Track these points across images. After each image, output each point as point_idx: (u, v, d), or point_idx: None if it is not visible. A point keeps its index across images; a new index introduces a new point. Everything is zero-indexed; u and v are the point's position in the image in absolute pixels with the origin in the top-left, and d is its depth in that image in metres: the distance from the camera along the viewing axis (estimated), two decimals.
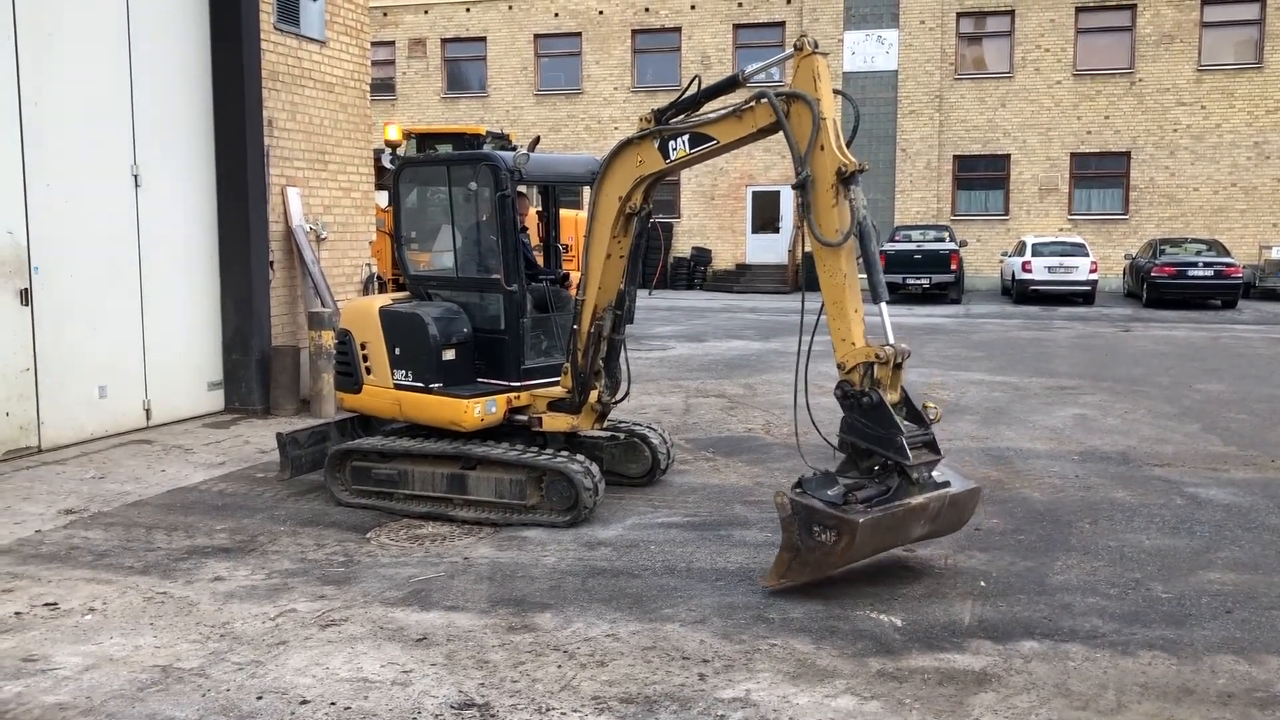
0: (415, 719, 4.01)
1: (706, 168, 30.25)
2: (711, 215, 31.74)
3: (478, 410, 6.82)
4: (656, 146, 6.15)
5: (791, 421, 5.81)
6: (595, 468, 6.62)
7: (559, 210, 8.25)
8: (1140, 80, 28.40)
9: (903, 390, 5.38)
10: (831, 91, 5.52)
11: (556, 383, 7.05)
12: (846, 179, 5.33)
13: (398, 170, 7.66)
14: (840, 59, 29.63)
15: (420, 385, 7.03)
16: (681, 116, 6.17)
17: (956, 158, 29.77)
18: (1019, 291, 25.06)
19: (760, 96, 5.64)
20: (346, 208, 11.67)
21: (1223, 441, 9.19)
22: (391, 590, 5.43)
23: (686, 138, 6.02)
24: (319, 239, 11.07)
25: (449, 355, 7.02)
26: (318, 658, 4.57)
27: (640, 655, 4.60)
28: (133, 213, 9.29)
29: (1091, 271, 24.61)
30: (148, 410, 9.50)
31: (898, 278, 25.29)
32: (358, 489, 7.11)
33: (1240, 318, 21.62)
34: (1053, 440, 9.23)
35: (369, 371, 7.32)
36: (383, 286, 12.52)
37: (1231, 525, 6.63)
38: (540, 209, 8.38)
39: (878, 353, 5.21)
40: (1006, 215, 29.61)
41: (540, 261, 8.03)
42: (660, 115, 6.19)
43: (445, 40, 33.55)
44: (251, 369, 10.18)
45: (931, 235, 26.61)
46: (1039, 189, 29.30)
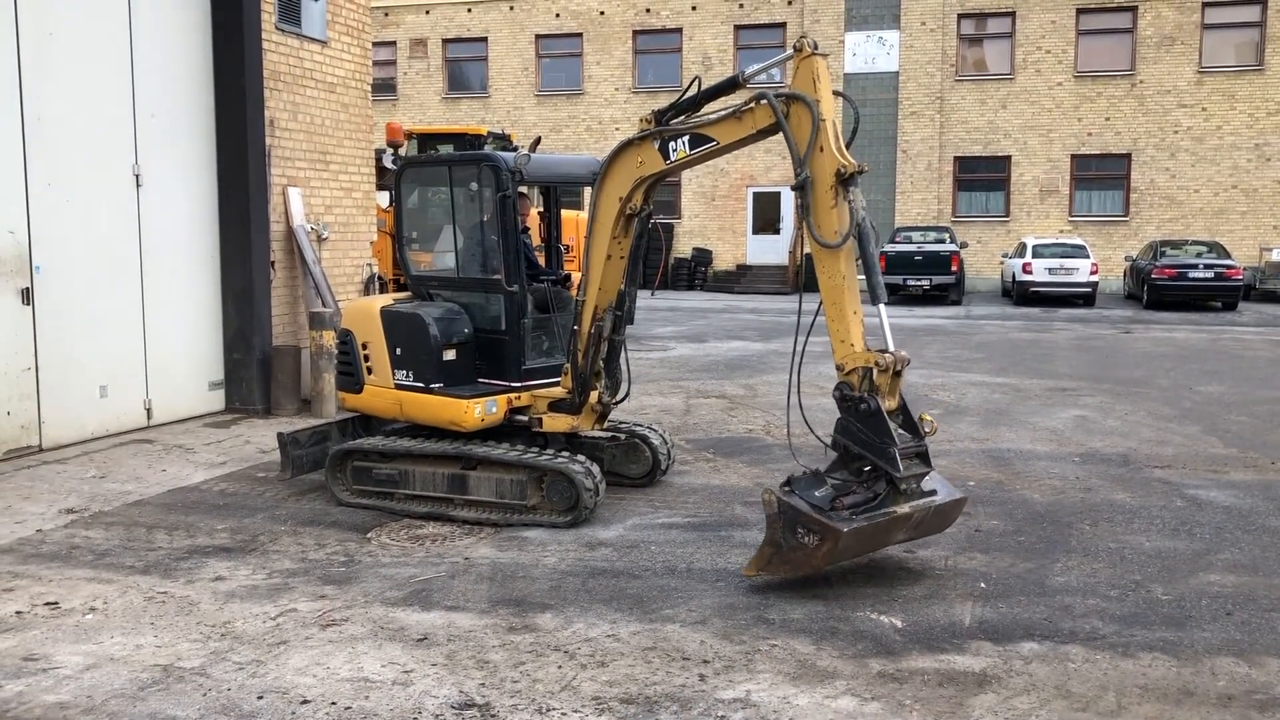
0: (416, 719, 4.01)
1: (707, 169, 30.25)
2: (712, 216, 31.75)
3: (478, 410, 6.83)
4: (657, 147, 6.16)
5: (798, 422, 5.83)
6: (596, 468, 6.63)
7: (560, 211, 8.26)
8: (1141, 82, 28.40)
9: (901, 397, 5.38)
10: (831, 93, 5.53)
11: (557, 383, 7.05)
12: (846, 180, 5.33)
13: (400, 170, 7.66)
14: (841, 60, 29.63)
15: (421, 385, 7.03)
16: (682, 117, 6.18)
17: (957, 159, 29.77)
18: (1019, 293, 25.05)
19: (760, 98, 5.64)
20: (348, 208, 11.67)
21: (1223, 443, 9.19)
22: (392, 590, 5.43)
23: (687, 139, 6.03)
24: (320, 239, 11.08)
25: (450, 355, 7.02)
26: (318, 657, 4.57)
27: (641, 656, 4.60)
28: (134, 212, 9.30)
29: (1092, 273, 24.60)
30: (149, 410, 9.50)
31: (898, 279, 25.28)
32: (358, 489, 7.12)
33: (1241, 320, 21.62)
34: (1053, 442, 9.23)
35: (370, 371, 7.33)
36: (383, 287, 12.52)
37: (1231, 527, 6.64)
38: (542, 209, 8.38)
39: (877, 360, 5.20)
40: (1007, 217, 29.61)
41: (542, 262, 8.04)
42: (660, 116, 6.19)
43: (446, 40, 33.55)
44: (252, 369, 10.19)
45: (932, 237, 26.59)
46: (1040, 190, 29.30)
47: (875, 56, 29.86)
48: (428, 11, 33.48)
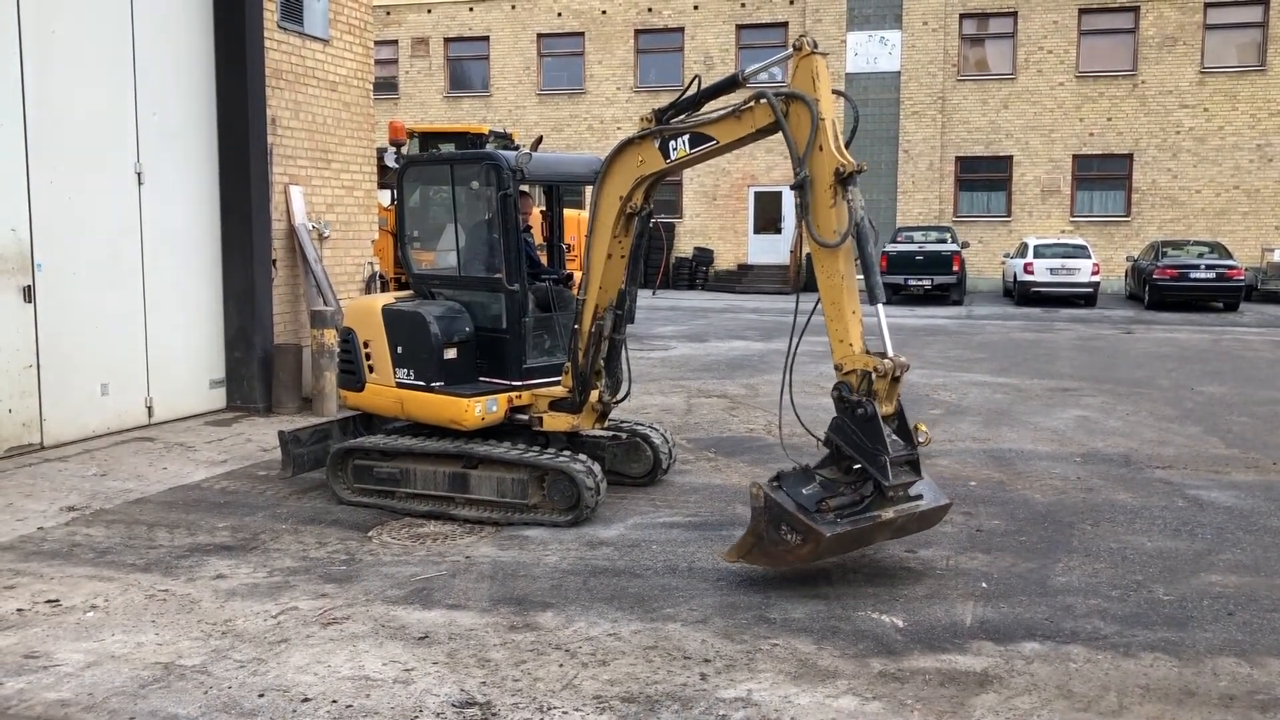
0: (417, 717, 4.01)
1: (709, 168, 30.25)
2: (714, 215, 31.74)
3: (478, 409, 6.83)
4: (657, 146, 6.15)
5: (793, 421, 5.83)
6: (597, 467, 6.63)
7: (563, 210, 8.25)
8: (1143, 82, 28.39)
9: (898, 403, 5.37)
10: (830, 92, 5.53)
11: (558, 382, 7.05)
12: (845, 179, 5.33)
13: (402, 169, 7.67)
14: (843, 60, 29.62)
15: (422, 384, 7.03)
16: (682, 116, 6.17)
17: (959, 159, 29.76)
18: (1021, 293, 25.04)
19: (759, 96, 5.64)
20: (349, 206, 11.68)
21: (1224, 444, 9.19)
22: (393, 589, 5.43)
23: (687, 137, 6.02)
24: (321, 237, 11.08)
25: (450, 354, 7.02)
26: (319, 655, 4.57)
27: (642, 655, 4.60)
28: (136, 210, 9.30)
29: (1093, 273, 24.59)
30: (150, 408, 9.50)
31: (900, 279, 25.28)
32: (359, 487, 7.12)
33: (1242, 320, 21.61)
34: (1054, 442, 9.22)
35: (371, 370, 7.33)
36: (385, 285, 12.53)
37: (1233, 527, 6.63)
38: (544, 208, 8.38)
39: (876, 366, 5.20)
40: (1008, 217, 29.60)
41: (544, 261, 8.04)
42: (661, 115, 6.19)
43: (448, 39, 33.55)
44: (254, 367, 10.19)
45: (933, 236, 26.59)
46: (1041, 191, 29.29)
47: (877, 56, 29.85)
48: (429, 10, 33.48)
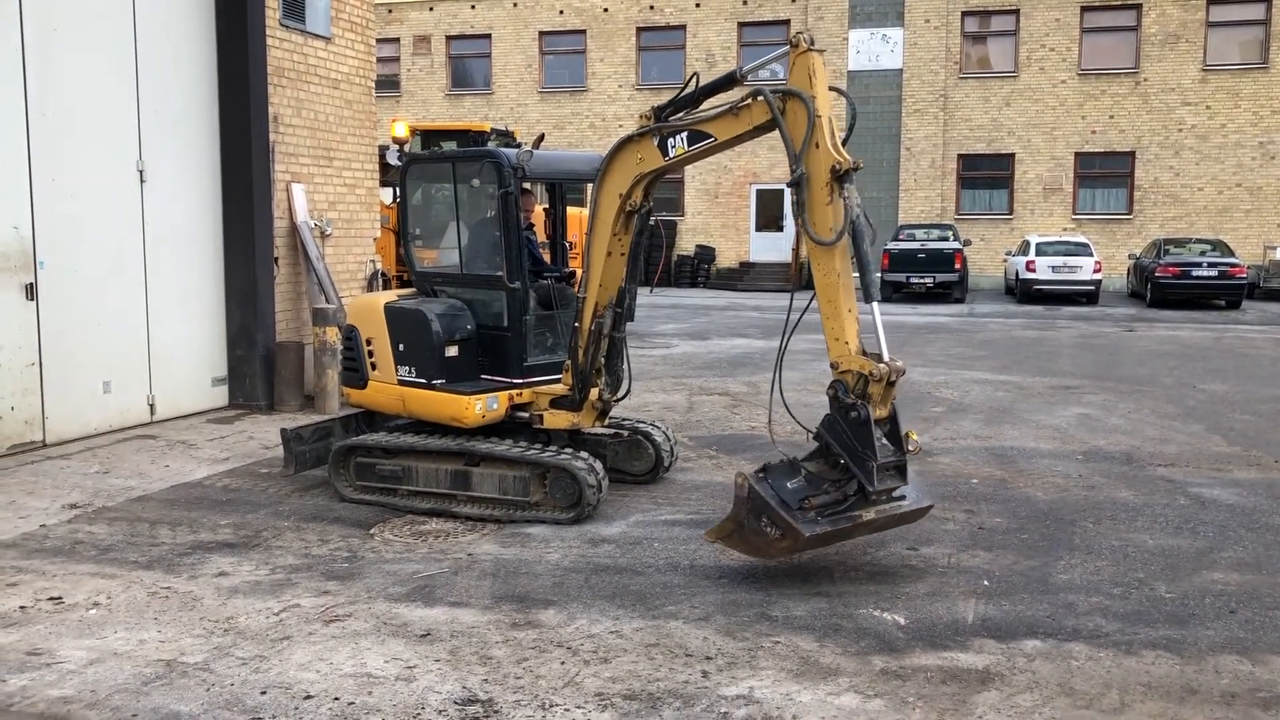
0: (419, 715, 4.02)
1: (710, 166, 30.24)
2: (715, 213, 31.73)
3: (479, 407, 6.83)
4: (656, 144, 6.15)
5: (790, 420, 5.84)
6: (599, 465, 6.63)
7: (566, 207, 8.26)
8: (1145, 80, 28.35)
9: (892, 407, 5.36)
10: (827, 89, 5.52)
11: (559, 380, 7.05)
12: (841, 177, 5.32)
13: (405, 166, 7.67)
14: (845, 57, 29.60)
15: (423, 381, 7.04)
16: (681, 114, 6.17)
17: (961, 156, 29.73)
18: (1023, 291, 25.03)
19: (756, 94, 5.64)
20: (351, 204, 11.68)
21: (1226, 442, 9.18)
22: (395, 586, 5.44)
23: (685, 135, 6.02)
24: (324, 235, 11.09)
25: (452, 352, 7.03)
26: (322, 653, 4.58)
27: (643, 652, 4.60)
28: (138, 208, 9.30)
29: (1095, 271, 24.57)
30: (152, 405, 9.51)
31: (902, 276, 25.28)
32: (362, 485, 7.12)
33: (1244, 318, 21.59)
34: (1056, 440, 9.22)
35: (374, 367, 7.33)
36: (387, 283, 12.54)
37: (1235, 525, 6.63)
38: (547, 206, 8.38)
39: (872, 370, 5.19)
40: (1010, 214, 29.58)
41: (547, 259, 8.04)
42: (660, 112, 6.19)
43: (450, 37, 33.54)
44: (256, 365, 10.19)
45: (935, 234, 26.59)
46: (1043, 188, 29.27)
47: (879, 54, 29.82)
48: (431, 8, 33.48)
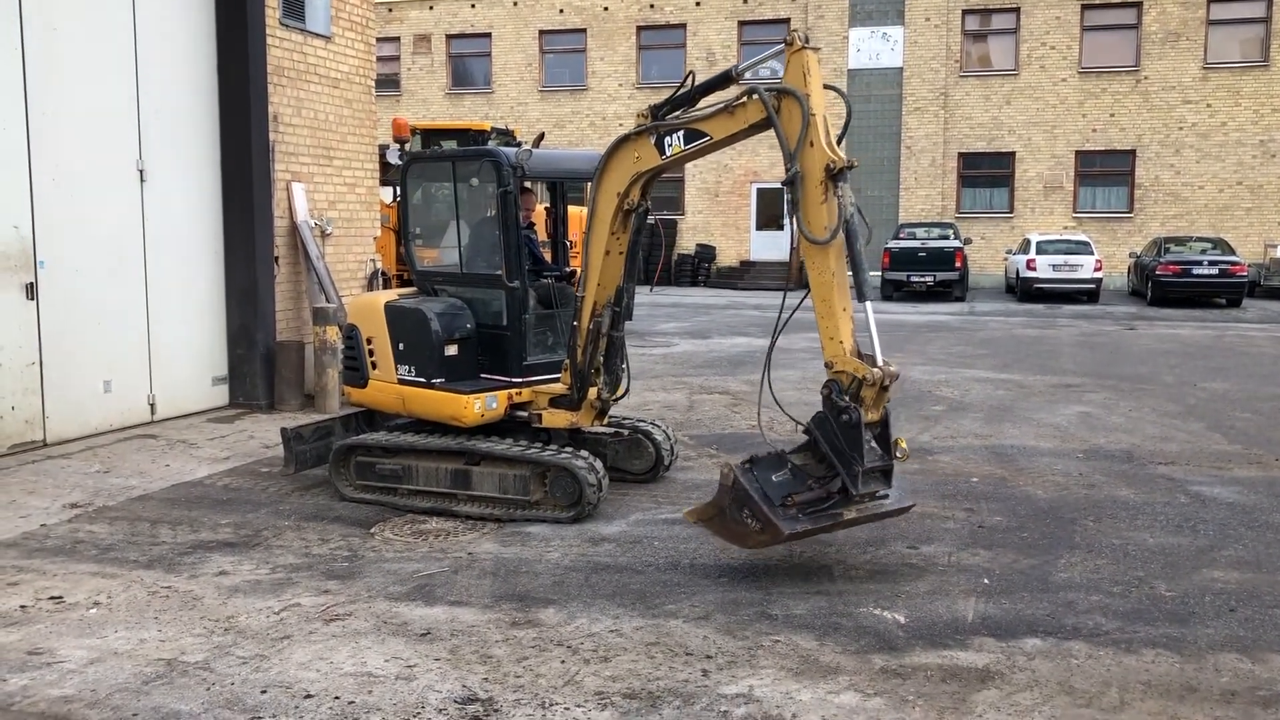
0: (419, 714, 4.02)
1: (711, 164, 30.23)
2: (716, 212, 31.73)
3: (478, 406, 6.83)
4: (653, 142, 6.15)
5: (788, 420, 5.85)
6: (599, 464, 6.63)
7: (567, 206, 8.26)
8: (1146, 78, 28.34)
9: (885, 411, 5.37)
10: (822, 87, 5.53)
11: (559, 379, 7.05)
12: (835, 175, 5.33)
13: (405, 166, 7.67)
14: (845, 56, 29.61)
15: (423, 380, 7.04)
16: (678, 113, 6.17)
17: (961, 155, 29.73)
18: (1023, 289, 25.02)
19: (751, 92, 5.64)
20: (351, 203, 11.68)
21: (1227, 440, 9.18)
22: (395, 585, 5.44)
23: (681, 133, 6.03)
24: (324, 234, 11.09)
25: (451, 351, 7.03)
26: (322, 652, 4.58)
27: (643, 651, 4.61)
28: (138, 208, 9.30)
29: (1096, 269, 24.56)
30: (152, 405, 9.51)
31: (902, 275, 25.28)
32: (362, 484, 7.13)
33: (1245, 316, 21.58)
34: (1056, 438, 9.22)
35: (374, 366, 7.33)
36: (387, 282, 12.54)
37: (1235, 524, 6.63)
38: (548, 205, 8.38)
39: (866, 374, 5.19)
40: (1011, 213, 29.57)
41: (548, 258, 8.04)
42: (656, 111, 6.19)
43: (450, 36, 33.54)
44: (256, 364, 10.19)
45: (936, 233, 26.58)
46: (1044, 187, 29.26)
47: (879, 52, 29.81)
48: (431, 7, 33.47)
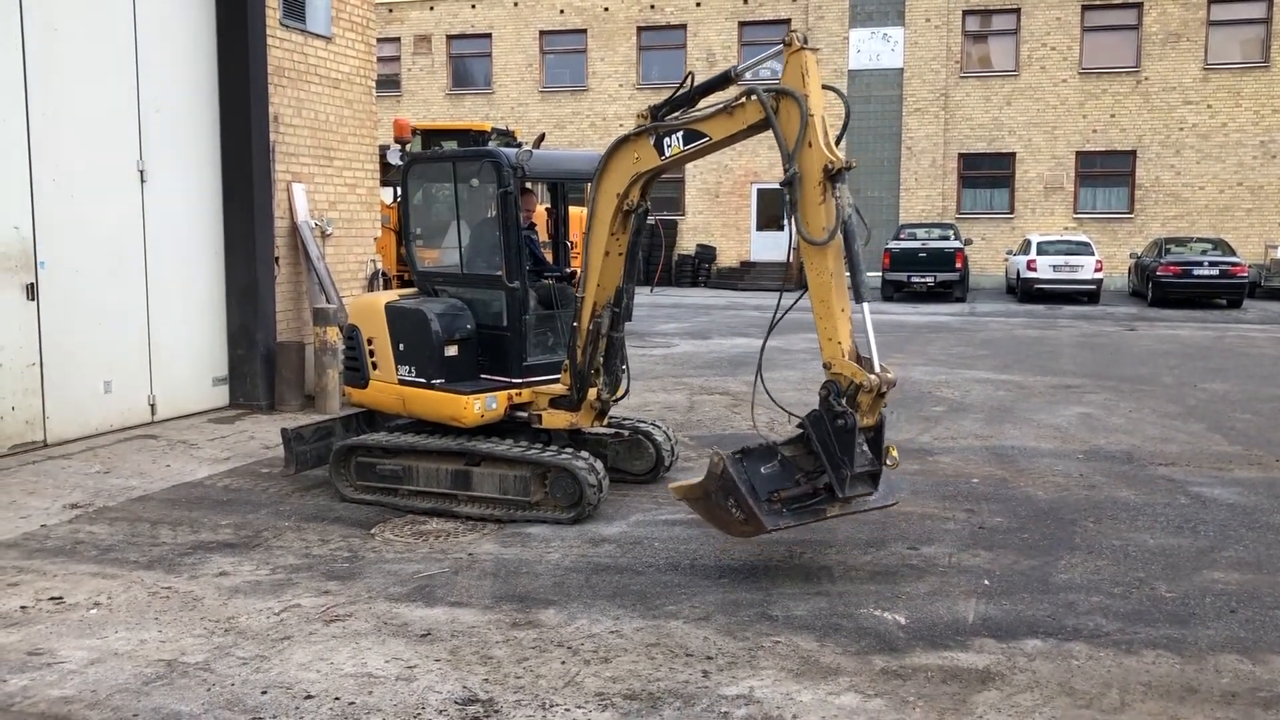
0: (419, 714, 4.02)
1: (711, 165, 30.24)
2: (716, 213, 31.73)
3: (478, 406, 6.83)
4: (652, 143, 6.15)
5: (787, 415, 5.86)
6: (599, 464, 6.63)
7: (569, 207, 8.26)
8: (1146, 79, 28.34)
9: (880, 417, 5.38)
10: (820, 87, 5.53)
11: (559, 380, 7.05)
12: (833, 176, 5.33)
13: (406, 166, 7.67)
14: (846, 56, 29.61)
15: (423, 381, 7.04)
16: (677, 113, 6.17)
17: (961, 156, 29.73)
18: (1024, 290, 25.02)
19: (750, 93, 5.64)
20: (351, 204, 11.68)
21: (1227, 441, 9.18)
22: (396, 586, 5.44)
23: (681, 134, 6.03)
24: (324, 235, 11.09)
25: (451, 351, 7.03)
26: (322, 653, 4.58)
27: (644, 652, 4.61)
28: (139, 208, 9.31)
29: (1096, 270, 24.56)
30: (153, 405, 9.51)
31: (902, 276, 25.28)
32: (362, 485, 7.13)
33: (1246, 317, 21.58)
34: (1057, 439, 9.22)
35: (375, 367, 7.34)
36: (387, 283, 12.54)
37: (1236, 525, 6.63)
38: (549, 206, 8.38)
39: (864, 381, 5.20)
40: (1011, 213, 29.57)
41: (550, 259, 8.04)
42: (656, 112, 6.19)
43: (450, 37, 33.55)
44: (256, 364, 10.19)
45: (936, 233, 26.58)
46: (1044, 187, 29.26)
47: (880, 53, 29.82)
48: (432, 8, 33.48)
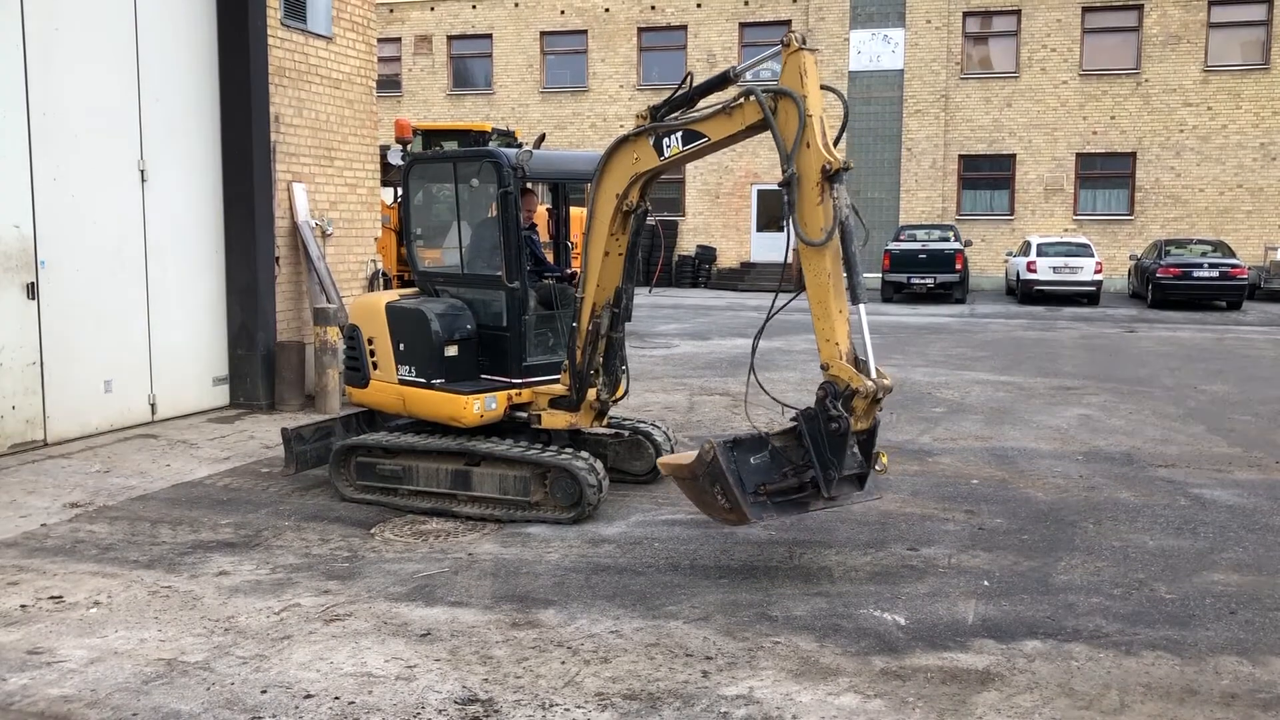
0: (419, 714, 4.02)
1: (711, 166, 30.25)
2: (716, 213, 31.74)
3: (477, 406, 6.84)
4: (651, 144, 6.16)
5: (781, 411, 5.87)
6: (599, 465, 6.63)
7: (569, 208, 8.26)
8: (1146, 81, 28.35)
9: (874, 421, 5.41)
10: (819, 88, 5.53)
11: (559, 380, 7.06)
12: (831, 177, 5.34)
13: (407, 166, 7.68)
14: (846, 58, 29.62)
15: (423, 381, 7.04)
16: (676, 114, 6.18)
17: (962, 157, 29.74)
18: (1023, 292, 25.02)
19: (748, 93, 5.64)
20: (352, 204, 11.69)
21: (1227, 443, 9.18)
22: (396, 585, 5.44)
23: (680, 134, 6.03)
24: (324, 235, 11.09)
25: (451, 351, 7.03)
26: (322, 652, 4.58)
27: (644, 652, 4.61)
28: (139, 208, 9.31)
29: (1096, 272, 24.56)
30: (153, 405, 9.52)
31: (902, 277, 25.28)
32: (362, 484, 7.13)
33: (1245, 319, 21.59)
34: (1057, 440, 9.22)
35: (375, 367, 7.34)
36: (388, 283, 12.54)
37: (1235, 526, 6.63)
38: (550, 206, 8.39)
39: (860, 386, 5.22)
40: (1011, 215, 29.58)
41: (551, 259, 8.04)
42: (655, 112, 6.20)
43: (451, 37, 33.56)
44: (257, 364, 10.20)
45: (936, 235, 26.58)
46: (1044, 189, 29.26)
47: (880, 54, 29.82)
48: (432, 8, 33.48)
